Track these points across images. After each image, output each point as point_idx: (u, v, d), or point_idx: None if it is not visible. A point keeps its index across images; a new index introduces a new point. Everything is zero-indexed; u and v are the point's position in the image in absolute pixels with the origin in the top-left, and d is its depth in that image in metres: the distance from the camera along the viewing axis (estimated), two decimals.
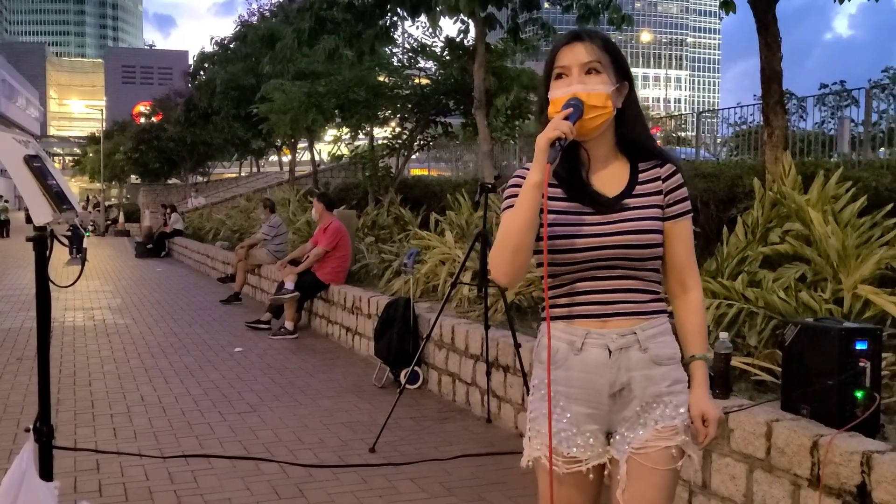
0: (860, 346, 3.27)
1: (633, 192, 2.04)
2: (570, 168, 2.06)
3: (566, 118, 1.91)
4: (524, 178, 1.95)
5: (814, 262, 4.85)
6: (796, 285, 4.64)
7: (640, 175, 2.06)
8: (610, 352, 2.01)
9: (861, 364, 3.25)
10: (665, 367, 2.03)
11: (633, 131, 2.07)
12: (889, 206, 5.30)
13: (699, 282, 2.13)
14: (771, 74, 6.48)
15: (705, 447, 2.06)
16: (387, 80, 14.85)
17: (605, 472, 2.08)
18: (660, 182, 2.05)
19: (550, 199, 2.03)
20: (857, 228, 5.10)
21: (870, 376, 3.25)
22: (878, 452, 2.90)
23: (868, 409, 3.21)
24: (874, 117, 12.86)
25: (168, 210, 23.80)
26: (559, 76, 2.02)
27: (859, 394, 3.23)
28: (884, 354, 3.52)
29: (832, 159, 11.51)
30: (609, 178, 2.06)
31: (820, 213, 5.04)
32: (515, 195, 1.98)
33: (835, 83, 15.27)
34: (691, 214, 2.09)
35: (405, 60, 14.82)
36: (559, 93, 1.99)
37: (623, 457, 2.02)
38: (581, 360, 2.03)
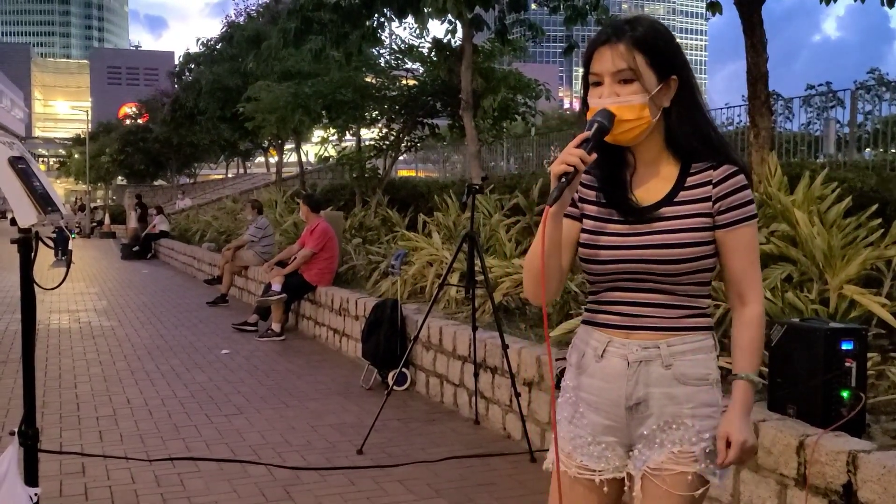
0: (846, 346, 3.28)
1: (675, 200, 1.88)
2: (610, 172, 1.94)
3: (585, 140, 1.79)
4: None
5: (800, 263, 4.87)
6: (782, 286, 4.65)
7: (688, 179, 1.89)
8: (629, 363, 1.91)
9: (847, 364, 3.26)
10: (691, 387, 1.90)
11: (679, 132, 1.89)
12: (874, 207, 5.33)
13: (760, 295, 1.92)
14: (757, 75, 6.52)
15: (727, 467, 1.90)
16: (374, 80, 14.85)
17: (625, 487, 1.99)
18: (709, 187, 1.87)
19: (585, 202, 1.97)
20: (843, 229, 5.13)
21: (855, 376, 3.27)
22: (863, 452, 2.92)
23: (854, 409, 3.23)
24: (860, 118, 12.95)
25: (154, 210, 23.70)
26: (595, 83, 1.88)
27: (845, 394, 3.25)
28: (869, 354, 3.54)
29: (818, 160, 11.58)
30: (653, 182, 1.92)
31: (806, 213, 5.06)
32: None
33: (821, 84, 15.38)
34: (753, 221, 1.89)
35: (392, 61, 14.82)
36: (593, 103, 1.87)
37: (638, 474, 1.93)
38: (601, 367, 1.95)
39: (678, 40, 1.96)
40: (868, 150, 12.45)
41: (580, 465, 1.99)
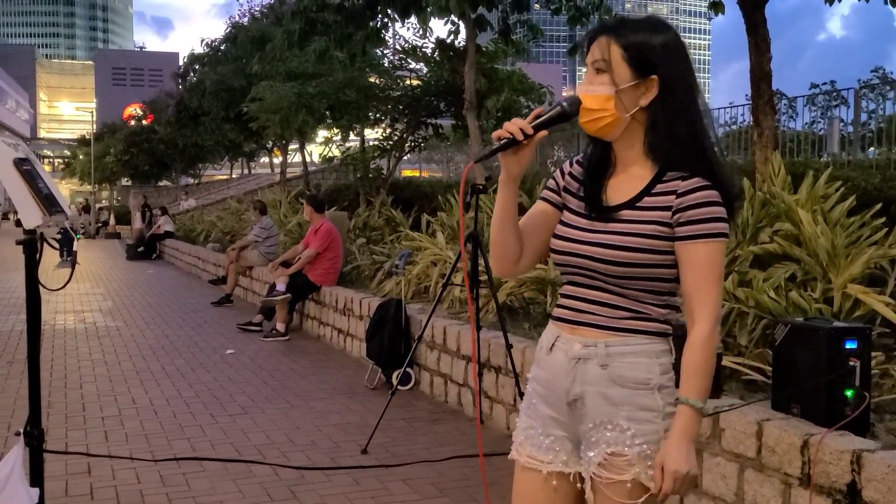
0: (850, 345, 3.28)
1: (638, 205, 1.87)
2: (594, 169, 1.96)
3: (537, 116, 1.85)
4: (564, 172, 2.04)
5: (803, 262, 4.86)
6: (786, 285, 4.65)
7: (658, 186, 1.87)
8: (569, 359, 1.93)
9: (851, 363, 3.26)
10: (627, 389, 1.87)
11: (654, 136, 1.87)
12: (878, 206, 5.32)
13: (710, 317, 1.82)
14: (760, 75, 6.52)
15: (664, 499, 1.84)
16: (378, 81, 14.86)
17: (578, 486, 1.98)
18: (673, 197, 1.84)
19: (570, 193, 2.01)
20: (847, 228, 5.12)
21: (859, 375, 3.26)
22: (868, 451, 2.92)
23: (858, 408, 3.23)
24: (863, 117, 12.91)
25: (158, 212, 23.75)
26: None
27: (849, 393, 3.24)
28: (873, 353, 3.54)
29: (822, 159, 11.56)
30: (626, 185, 1.91)
31: (809, 212, 5.05)
32: (550, 188, 2.04)
33: (825, 83, 15.34)
34: (715, 239, 1.82)
35: (396, 62, 14.83)
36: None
37: (587, 475, 1.93)
38: (549, 361, 1.99)
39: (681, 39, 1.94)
40: (872, 149, 12.41)
41: (530, 454, 2.02)
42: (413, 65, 14.85)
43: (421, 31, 13.88)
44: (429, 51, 14.07)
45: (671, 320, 1.92)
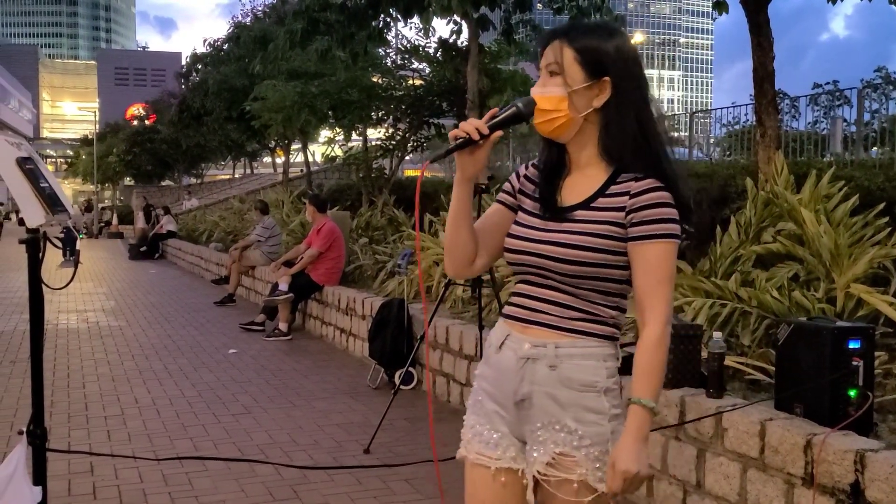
0: (853, 344, 3.28)
1: (592, 205, 1.89)
2: (549, 170, 1.99)
3: (493, 117, 1.87)
4: (519, 175, 2.05)
5: (806, 262, 4.86)
6: (789, 284, 4.65)
7: (611, 187, 1.89)
8: (518, 358, 1.94)
9: (854, 363, 3.26)
10: (575, 391, 1.88)
11: (608, 138, 1.90)
12: (881, 206, 5.32)
13: (661, 318, 1.84)
14: (764, 75, 6.51)
15: (614, 496, 1.86)
16: (380, 81, 14.86)
17: (525, 483, 1.98)
18: (626, 198, 1.86)
19: (524, 195, 2.03)
20: (850, 228, 5.12)
21: (863, 375, 3.26)
22: (871, 451, 2.91)
23: (861, 408, 3.22)
24: (866, 117, 12.93)
25: (161, 211, 23.77)
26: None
27: (852, 392, 3.24)
28: (876, 353, 3.54)
29: (825, 159, 11.56)
30: (581, 186, 1.93)
31: (812, 212, 5.05)
32: (506, 190, 2.06)
33: (828, 83, 15.35)
34: (666, 240, 1.84)
35: (398, 61, 14.84)
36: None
37: (531, 475, 1.94)
38: (497, 359, 1.99)
39: (683, 39, 1.96)
40: (875, 148, 12.41)
41: (478, 451, 2.03)
42: (416, 64, 14.85)
43: (423, 31, 13.88)
44: (431, 50, 14.08)
45: (619, 324, 1.95)
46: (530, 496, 1.93)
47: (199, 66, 33.40)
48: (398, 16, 10.07)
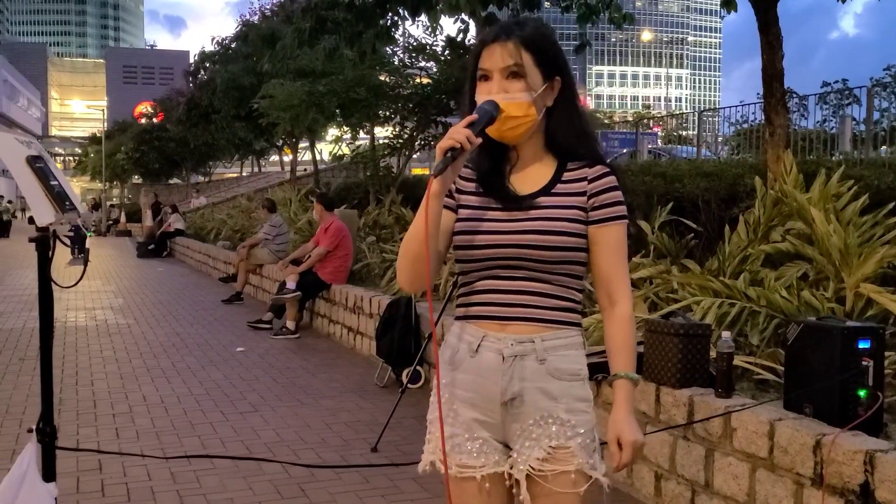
0: (863, 344, 3.27)
1: (553, 191, 1.93)
2: (492, 165, 1.98)
3: (472, 123, 1.81)
4: (461, 177, 2.03)
5: (816, 261, 4.84)
6: (798, 284, 4.63)
7: (564, 174, 1.94)
8: (503, 357, 1.90)
9: (864, 363, 3.25)
10: (564, 382, 1.90)
11: (560, 131, 1.95)
12: (891, 205, 5.29)
13: (628, 294, 1.94)
14: (773, 73, 6.49)
15: (622, 469, 1.89)
16: (388, 79, 14.85)
17: (512, 490, 1.96)
18: (585, 183, 1.92)
19: (463, 193, 2.00)
20: (859, 227, 5.10)
21: (872, 375, 3.25)
22: (881, 451, 2.90)
23: (871, 408, 3.21)
24: (876, 115, 12.87)
25: (169, 210, 23.82)
26: (483, 77, 1.92)
27: (862, 393, 3.23)
28: (887, 353, 3.52)
29: (834, 158, 11.51)
30: (532, 176, 1.96)
31: (821, 211, 5.03)
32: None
33: (837, 82, 15.29)
34: (623, 221, 1.93)
35: (406, 60, 14.82)
36: (482, 98, 1.89)
37: (522, 476, 1.91)
38: (476, 363, 1.94)
39: (691, 37, 1.97)
40: (884, 147, 12.37)
41: (460, 463, 1.97)
42: (423, 63, 14.83)
43: (431, 30, 13.86)
44: (439, 49, 14.06)
45: (584, 311, 1.98)
46: (525, 494, 1.91)
47: (208, 65, 33.44)
48: (406, 14, 10.05)
